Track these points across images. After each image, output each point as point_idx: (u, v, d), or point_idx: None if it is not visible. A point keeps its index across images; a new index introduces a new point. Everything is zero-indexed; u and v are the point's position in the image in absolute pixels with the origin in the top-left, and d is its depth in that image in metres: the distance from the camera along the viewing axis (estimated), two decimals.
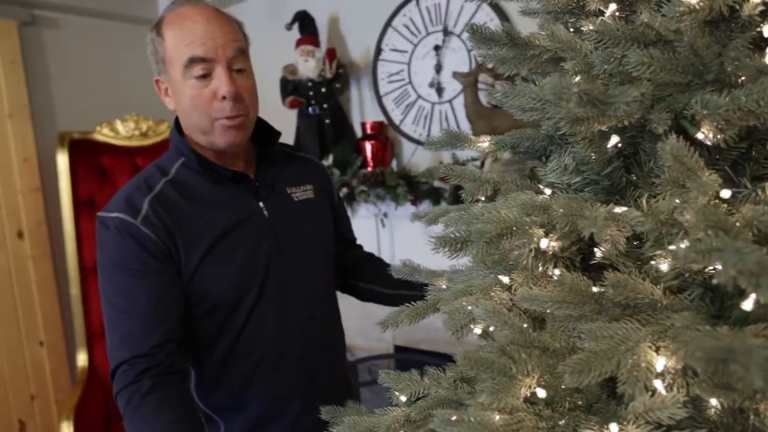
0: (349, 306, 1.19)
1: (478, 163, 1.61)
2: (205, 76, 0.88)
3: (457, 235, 0.52)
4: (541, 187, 0.64)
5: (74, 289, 1.94)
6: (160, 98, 0.97)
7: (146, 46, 0.93)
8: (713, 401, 0.48)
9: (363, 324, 2.03)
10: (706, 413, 0.49)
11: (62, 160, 1.96)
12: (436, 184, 1.72)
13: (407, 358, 1.90)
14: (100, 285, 0.90)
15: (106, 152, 2.09)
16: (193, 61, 0.87)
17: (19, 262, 2.03)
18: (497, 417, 0.48)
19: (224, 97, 0.88)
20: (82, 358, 1.93)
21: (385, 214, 1.97)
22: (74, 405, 1.68)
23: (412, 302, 0.70)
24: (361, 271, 1.19)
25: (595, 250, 0.57)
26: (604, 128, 0.55)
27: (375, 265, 1.20)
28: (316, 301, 1.04)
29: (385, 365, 1.96)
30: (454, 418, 0.46)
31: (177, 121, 0.98)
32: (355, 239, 1.24)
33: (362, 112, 2.18)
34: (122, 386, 0.85)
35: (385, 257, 2.02)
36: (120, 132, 2.10)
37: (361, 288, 1.19)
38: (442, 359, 0.71)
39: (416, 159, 2.01)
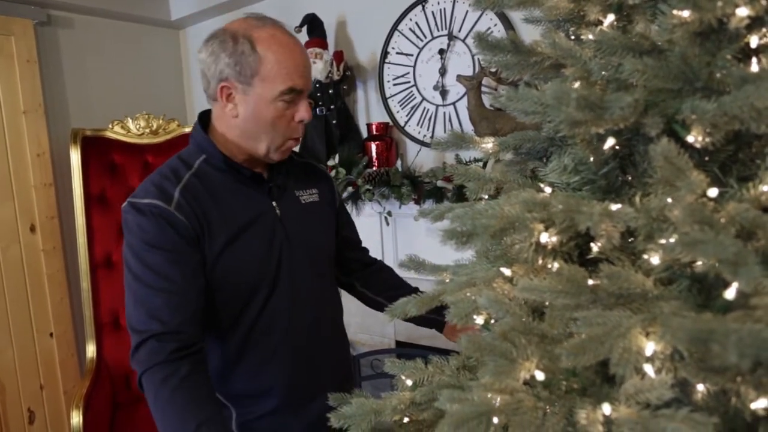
0: (352, 302, 1.24)
1: (480, 164, 1.65)
2: (292, 102, 0.96)
3: (464, 228, 0.56)
4: (541, 186, 0.68)
5: (84, 283, 1.98)
6: (219, 101, 0.97)
7: (223, 48, 0.94)
8: (700, 386, 0.52)
9: (365, 320, 2.07)
10: (693, 397, 0.53)
11: (75, 157, 2.00)
12: (440, 183, 1.75)
13: (409, 353, 1.94)
14: (127, 266, 0.93)
15: (118, 149, 2.13)
16: (292, 90, 0.94)
17: (32, 256, 2.08)
18: (498, 397, 0.52)
19: (300, 121, 0.98)
20: (90, 350, 1.96)
21: (389, 213, 2.01)
22: (83, 395, 1.72)
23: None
24: (360, 274, 1.26)
25: (592, 245, 0.60)
26: (601, 131, 0.59)
27: (374, 273, 1.27)
28: (323, 295, 1.10)
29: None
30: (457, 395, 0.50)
31: (200, 119, 1.03)
32: (359, 242, 1.29)
33: (368, 113, 2.22)
34: (154, 362, 0.87)
35: (389, 254, 2.07)
36: (131, 130, 2.14)
37: (357, 290, 1.26)
38: (443, 354, 0.75)
39: (420, 159, 2.05)
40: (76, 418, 1.64)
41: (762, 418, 0.48)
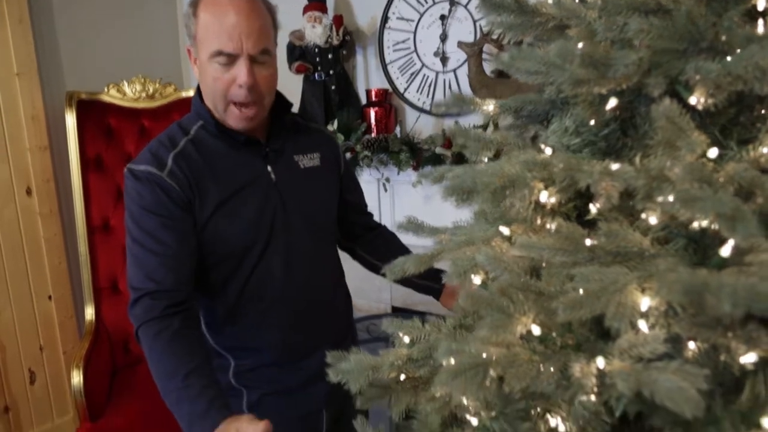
0: (349, 268, 1.24)
1: (480, 130, 1.65)
2: (229, 64, 0.94)
3: (465, 184, 0.56)
4: (542, 146, 0.68)
5: (82, 246, 1.98)
6: (190, 65, 1.04)
7: (185, 14, 0.99)
8: (691, 344, 0.53)
9: (362, 285, 2.08)
10: (684, 354, 0.54)
11: (70, 120, 1.97)
12: (438, 150, 1.75)
13: (405, 318, 1.95)
14: (127, 229, 0.97)
15: (113, 113, 2.10)
16: (220, 53, 0.93)
17: (28, 219, 2.07)
18: (495, 350, 0.53)
19: (240, 86, 0.95)
20: (89, 312, 1.98)
21: (387, 179, 2.01)
22: (83, 356, 1.73)
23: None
24: (362, 239, 1.26)
25: (590, 206, 0.61)
26: (603, 91, 0.59)
27: (376, 237, 1.27)
28: (321, 259, 1.11)
29: None
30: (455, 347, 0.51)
31: (199, 87, 1.04)
32: (365, 206, 1.29)
33: (367, 79, 2.20)
34: (149, 318, 0.92)
35: (386, 221, 2.07)
36: (127, 94, 2.11)
37: (357, 254, 1.27)
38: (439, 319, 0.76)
39: (419, 126, 2.04)
40: (77, 378, 1.66)
41: (749, 372, 0.50)
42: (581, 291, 0.49)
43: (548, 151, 0.68)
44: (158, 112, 2.16)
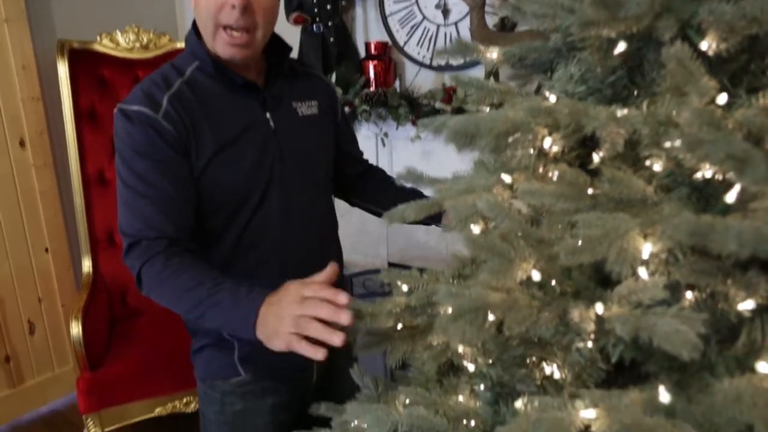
0: (346, 223, 1.24)
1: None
2: None
3: (468, 128, 0.55)
4: (546, 94, 0.67)
5: (77, 199, 1.97)
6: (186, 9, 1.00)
7: None
8: (688, 294, 0.53)
9: (359, 240, 2.09)
10: (682, 302, 0.54)
11: (62, 70, 1.93)
12: (438, 105, 1.72)
13: None
14: (118, 173, 0.93)
15: (107, 63, 2.06)
16: None
17: (22, 171, 2.05)
18: (495, 294, 0.53)
19: (233, 6, 0.89)
20: (86, 265, 1.98)
21: (386, 134, 1.99)
22: (81, 307, 1.75)
23: None
24: (358, 187, 1.25)
25: (594, 155, 0.60)
26: (613, 34, 0.57)
27: (372, 182, 1.25)
28: (318, 210, 1.10)
29: None
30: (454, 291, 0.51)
31: (194, 25, 1.00)
32: (359, 155, 1.27)
33: (367, 31, 2.15)
34: (150, 256, 0.89)
35: None
36: (120, 43, 2.06)
37: (354, 202, 1.26)
38: None
39: (419, 81, 2.01)
40: (76, 329, 1.68)
41: (746, 319, 0.50)
42: (582, 237, 0.49)
43: (552, 98, 0.66)
44: (153, 63, 2.12)
